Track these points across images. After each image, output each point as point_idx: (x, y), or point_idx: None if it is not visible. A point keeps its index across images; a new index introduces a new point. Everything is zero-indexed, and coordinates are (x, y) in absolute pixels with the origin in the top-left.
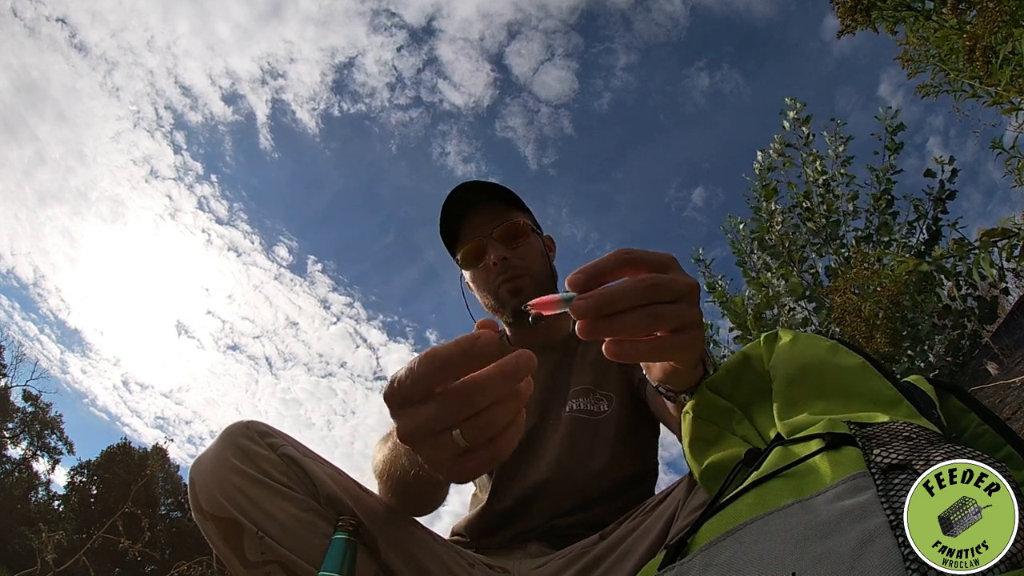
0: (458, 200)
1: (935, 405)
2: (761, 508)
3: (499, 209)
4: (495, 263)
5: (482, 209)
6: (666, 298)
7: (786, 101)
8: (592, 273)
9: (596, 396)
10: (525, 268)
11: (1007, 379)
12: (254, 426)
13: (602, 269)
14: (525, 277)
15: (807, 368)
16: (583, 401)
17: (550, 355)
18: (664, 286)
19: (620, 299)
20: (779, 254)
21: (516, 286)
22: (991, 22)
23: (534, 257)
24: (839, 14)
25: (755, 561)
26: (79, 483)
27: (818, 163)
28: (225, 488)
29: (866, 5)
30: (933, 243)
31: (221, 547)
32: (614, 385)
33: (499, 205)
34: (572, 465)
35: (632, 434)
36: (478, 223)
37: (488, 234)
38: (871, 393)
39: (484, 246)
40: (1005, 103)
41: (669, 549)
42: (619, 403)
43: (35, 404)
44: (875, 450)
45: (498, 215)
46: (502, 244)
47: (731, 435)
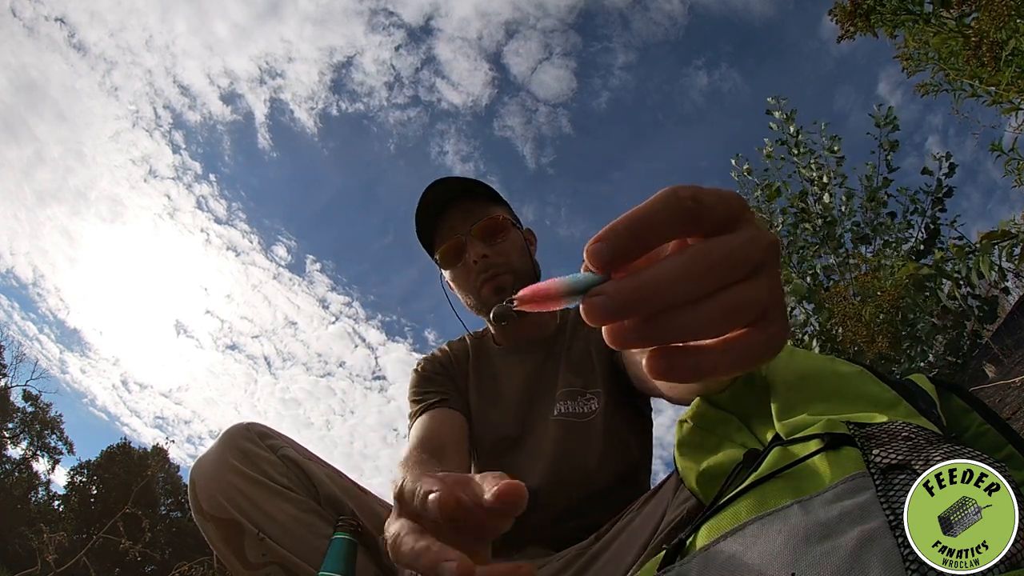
0: (433, 198)
1: (936, 404)
2: (761, 508)
3: (476, 205)
4: (475, 261)
5: (459, 205)
6: (742, 274)
7: (768, 100)
8: (626, 236)
9: (585, 396)
10: (506, 265)
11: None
12: (254, 428)
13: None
14: (507, 274)
15: (805, 375)
16: (571, 404)
17: (534, 353)
18: (741, 258)
19: (673, 286)
20: None
21: (498, 284)
22: (997, 16)
23: (515, 253)
24: (838, 20)
25: (755, 562)
26: (79, 483)
27: (812, 162)
28: (226, 489)
29: (865, 10)
30: (932, 241)
31: (222, 548)
32: (601, 380)
33: (476, 201)
34: (565, 472)
35: (623, 430)
36: (455, 221)
37: (466, 231)
38: (870, 396)
39: (463, 244)
40: (1005, 103)
41: (669, 549)
42: (608, 399)
43: (35, 404)
44: (874, 450)
45: (475, 211)
46: (481, 241)
47: (730, 442)
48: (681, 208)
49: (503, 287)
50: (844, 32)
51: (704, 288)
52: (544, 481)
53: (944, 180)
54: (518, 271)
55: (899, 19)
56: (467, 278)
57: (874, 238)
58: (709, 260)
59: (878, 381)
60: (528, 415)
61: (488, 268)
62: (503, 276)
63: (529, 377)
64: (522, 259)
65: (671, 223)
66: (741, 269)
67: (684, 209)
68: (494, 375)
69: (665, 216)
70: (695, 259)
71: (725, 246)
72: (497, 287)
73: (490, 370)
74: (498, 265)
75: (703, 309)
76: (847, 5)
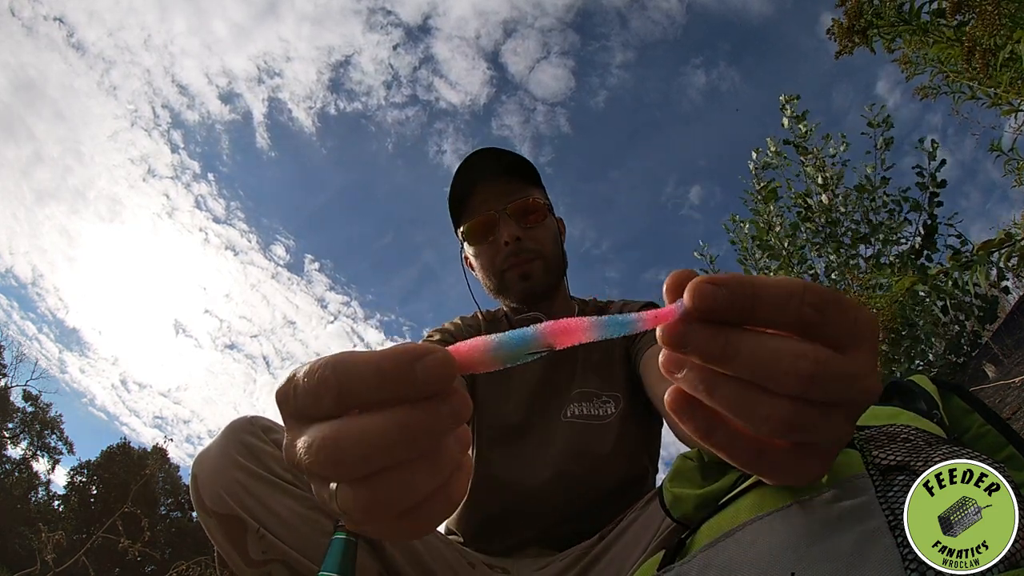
0: (472, 166)
1: (938, 405)
2: (760, 509)
3: (515, 183)
4: (507, 242)
5: (498, 179)
6: (827, 400)
7: (782, 98)
8: (747, 299)
9: (602, 399)
10: (538, 251)
11: (1007, 379)
12: (258, 421)
13: (764, 303)
14: (538, 260)
15: None
16: (586, 406)
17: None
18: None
19: (768, 367)
20: (779, 255)
21: (526, 271)
22: (990, 24)
23: (549, 239)
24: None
25: (754, 562)
26: (79, 483)
27: (818, 161)
28: (229, 484)
29: (863, 26)
30: (929, 240)
31: (224, 544)
32: (620, 384)
33: (516, 179)
34: (573, 474)
35: (636, 435)
36: (491, 195)
37: (501, 208)
38: (870, 413)
39: (495, 221)
40: (1004, 104)
41: (668, 550)
42: (625, 405)
43: (35, 404)
44: (874, 451)
45: (514, 190)
46: (515, 222)
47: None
48: (800, 312)
49: (530, 274)
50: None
51: (786, 387)
52: (549, 480)
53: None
54: (549, 259)
55: (897, 30)
56: (493, 258)
57: (873, 237)
58: (805, 370)
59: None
60: (537, 410)
61: (520, 252)
62: (534, 262)
63: (543, 371)
64: (555, 247)
65: (786, 319)
66: (829, 395)
67: (803, 314)
68: None
69: (787, 305)
70: (797, 358)
71: (828, 368)
72: (524, 273)
73: None
74: (530, 250)
75: (768, 405)
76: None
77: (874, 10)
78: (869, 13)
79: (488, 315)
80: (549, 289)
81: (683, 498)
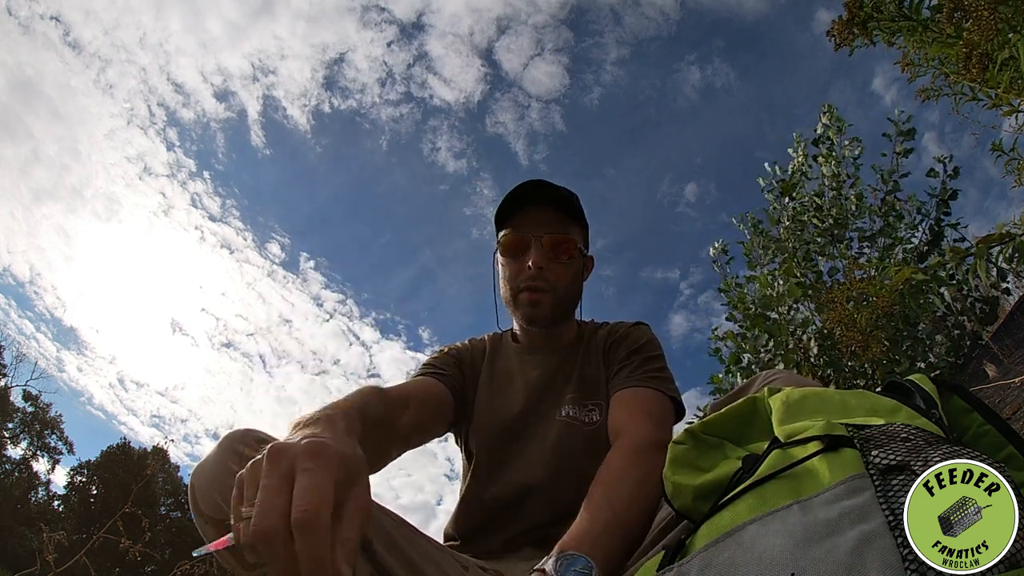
0: (530, 190)
1: (938, 405)
2: (760, 509)
3: (560, 217)
4: (530, 266)
5: (545, 208)
6: None
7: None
8: None
9: (588, 407)
10: (553, 285)
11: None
12: (251, 433)
13: None
14: (548, 293)
15: (807, 394)
16: (577, 409)
17: (550, 357)
18: None
19: None
20: (785, 248)
21: (537, 299)
22: (986, 29)
23: (567, 278)
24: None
25: (754, 561)
26: (79, 483)
27: (833, 162)
28: (226, 492)
29: (862, 19)
30: (936, 243)
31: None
32: (603, 398)
33: (562, 214)
34: (563, 471)
35: None
36: (535, 220)
37: (539, 236)
38: (869, 405)
39: (528, 243)
40: (1005, 105)
41: (668, 550)
42: None
43: (35, 404)
44: (873, 451)
45: (556, 223)
46: (545, 251)
47: (726, 460)
48: None
49: (538, 303)
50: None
51: None
52: (545, 477)
53: (948, 183)
54: (560, 296)
55: (897, 25)
56: (516, 274)
57: (879, 239)
58: None
59: (878, 395)
60: (535, 409)
61: (537, 278)
62: (544, 294)
63: (543, 376)
64: (570, 287)
65: None
66: None
67: None
68: (509, 370)
69: None
70: None
71: None
72: (533, 300)
73: (505, 365)
74: (547, 281)
75: None
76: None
77: (874, 3)
78: (869, 6)
79: (495, 336)
80: (553, 321)
81: (682, 488)
